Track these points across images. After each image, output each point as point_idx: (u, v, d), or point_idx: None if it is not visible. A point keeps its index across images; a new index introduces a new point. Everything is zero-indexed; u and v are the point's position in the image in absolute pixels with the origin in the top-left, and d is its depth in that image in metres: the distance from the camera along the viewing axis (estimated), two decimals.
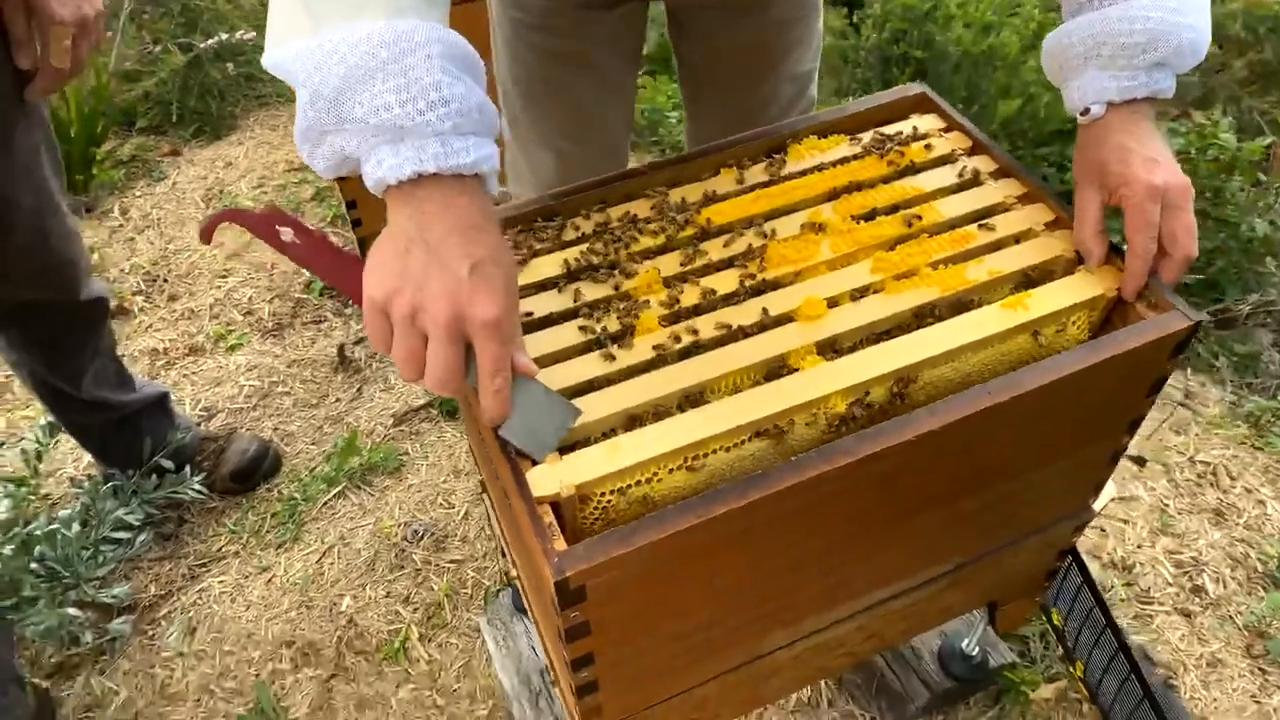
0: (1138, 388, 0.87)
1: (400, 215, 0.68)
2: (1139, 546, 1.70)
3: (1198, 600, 1.60)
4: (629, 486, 0.76)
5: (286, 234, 0.76)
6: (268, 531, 1.71)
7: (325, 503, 1.75)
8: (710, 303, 0.87)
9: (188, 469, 1.70)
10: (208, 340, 2.12)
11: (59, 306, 1.38)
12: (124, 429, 1.65)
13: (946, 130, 1.03)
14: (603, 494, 0.75)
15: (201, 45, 2.71)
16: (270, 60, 0.69)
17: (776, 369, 0.83)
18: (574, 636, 0.74)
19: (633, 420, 0.80)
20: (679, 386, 0.80)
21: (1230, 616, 1.58)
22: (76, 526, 1.60)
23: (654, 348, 0.83)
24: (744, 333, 0.85)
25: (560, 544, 0.70)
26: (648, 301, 0.87)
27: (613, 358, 0.82)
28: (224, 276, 2.28)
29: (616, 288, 0.88)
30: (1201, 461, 1.88)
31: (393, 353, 0.69)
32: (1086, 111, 0.87)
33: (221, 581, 1.64)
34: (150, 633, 1.59)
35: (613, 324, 0.85)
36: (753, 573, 0.81)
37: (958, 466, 0.83)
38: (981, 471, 0.86)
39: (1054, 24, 2.39)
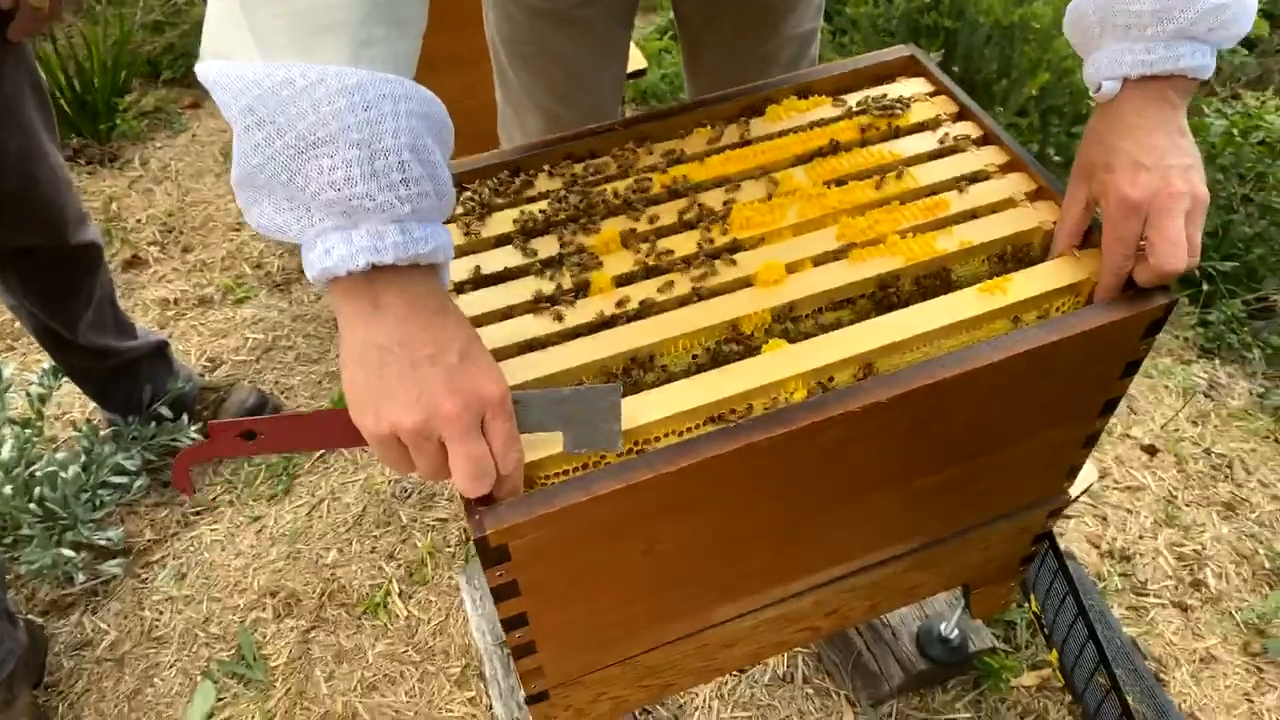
0: (1109, 368, 0.83)
1: (354, 318, 0.61)
2: (1140, 537, 1.65)
3: (1197, 595, 1.55)
4: (572, 470, 0.74)
5: (250, 436, 0.69)
6: (261, 483, 1.73)
7: (319, 457, 1.76)
8: (668, 264, 0.85)
9: (185, 417, 1.72)
10: (217, 292, 2.13)
11: (50, 251, 1.39)
12: (123, 375, 1.67)
13: (934, 94, 0.99)
14: (545, 477, 0.73)
15: None
16: (206, 73, 0.58)
17: (730, 335, 0.80)
18: (502, 596, 0.73)
19: (578, 384, 0.78)
20: (627, 348, 0.78)
21: (1230, 613, 1.53)
22: (75, 469, 1.63)
23: (605, 308, 0.81)
24: (699, 296, 0.82)
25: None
26: (602, 262, 0.85)
27: (561, 317, 0.80)
28: (237, 230, 2.30)
29: (573, 246, 0.86)
30: (1217, 453, 1.82)
31: (418, 471, 0.64)
32: (1101, 89, 0.78)
33: (214, 530, 1.66)
34: (143, 576, 1.61)
35: (565, 283, 0.83)
36: (695, 542, 0.79)
37: (912, 442, 0.80)
38: (939, 449, 0.83)
39: None
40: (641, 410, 0.74)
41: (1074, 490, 1.00)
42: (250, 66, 0.56)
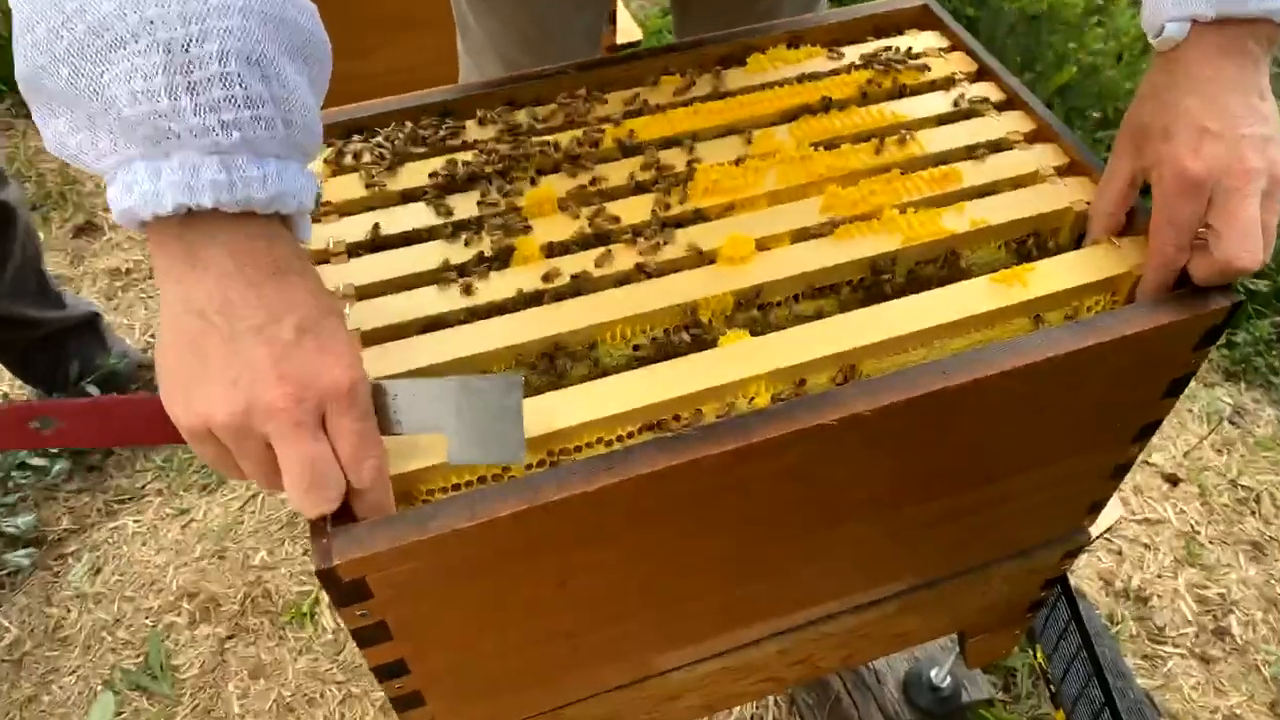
0: (1151, 385, 0.67)
1: (168, 274, 0.47)
2: (1159, 576, 1.49)
3: (1220, 644, 1.39)
4: (464, 484, 0.58)
5: (44, 424, 0.57)
6: (194, 471, 1.57)
7: None
8: (612, 232, 0.69)
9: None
10: None
11: None
12: (47, 348, 1.53)
13: (949, 50, 0.83)
14: (430, 491, 0.58)
15: None
16: None
17: (682, 322, 0.65)
18: (368, 641, 0.58)
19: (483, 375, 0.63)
20: (551, 332, 0.63)
21: (1256, 666, 1.36)
22: None
23: (527, 283, 0.65)
24: (647, 272, 0.66)
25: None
26: (532, 226, 0.69)
27: (471, 290, 0.65)
28: None
29: (498, 206, 0.70)
30: (1244, 486, 1.66)
31: (246, 475, 0.50)
32: (1163, 33, 0.61)
33: (137, 521, 1.51)
34: (54, 569, 1.46)
35: (484, 249, 0.68)
36: (624, 577, 0.64)
37: (901, 465, 0.64)
38: (935, 474, 0.67)
39: None
40: (561, 410, 0.58)
41: (1095, 529, 0.84)
42: None
